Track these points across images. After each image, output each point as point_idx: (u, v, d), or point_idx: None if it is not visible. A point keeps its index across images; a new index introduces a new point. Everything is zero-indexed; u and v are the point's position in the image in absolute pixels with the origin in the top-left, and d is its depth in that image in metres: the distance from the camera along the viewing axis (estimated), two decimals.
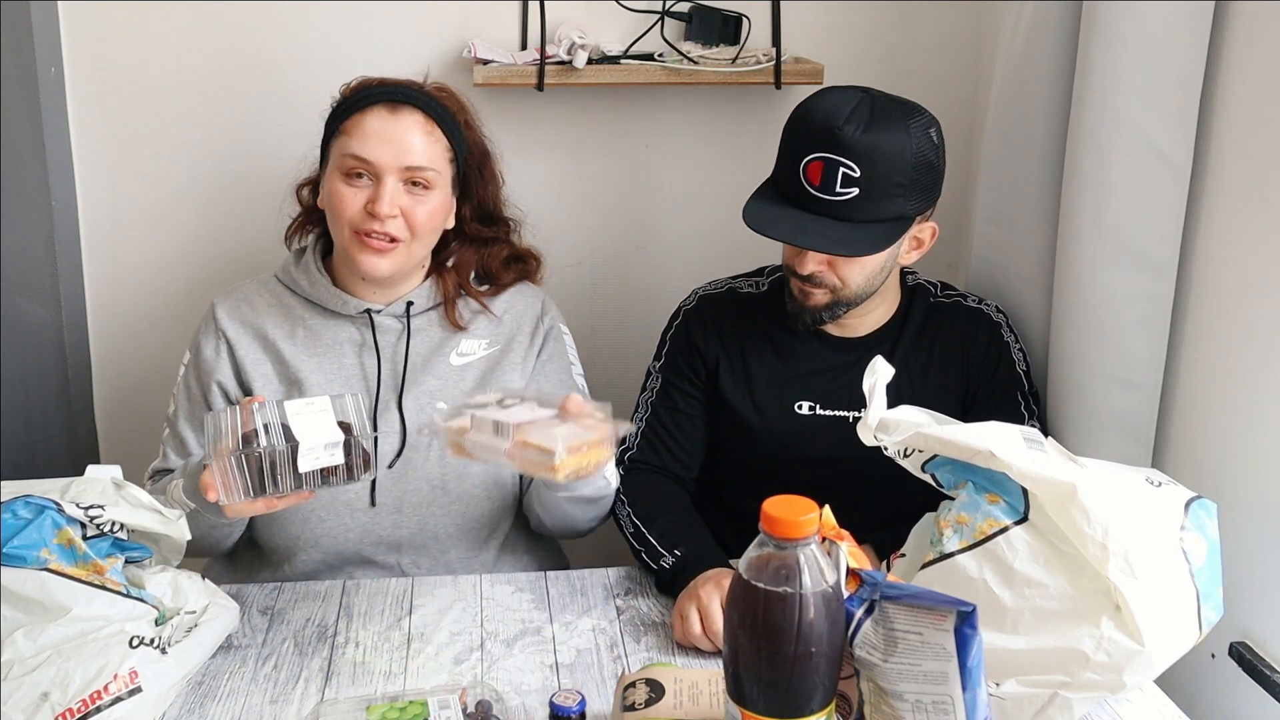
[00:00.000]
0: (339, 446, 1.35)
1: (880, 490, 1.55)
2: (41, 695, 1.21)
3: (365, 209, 1.59)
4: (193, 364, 1.69)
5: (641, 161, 2.20)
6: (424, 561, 1.68)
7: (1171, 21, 1.53)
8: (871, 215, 1.58)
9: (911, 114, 1.59)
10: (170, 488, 1.52)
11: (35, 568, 1.28)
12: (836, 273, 1.64)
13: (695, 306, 1.81)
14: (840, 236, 1.58)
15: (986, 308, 1.77)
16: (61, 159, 2.04)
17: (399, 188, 1.59)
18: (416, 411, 1.65)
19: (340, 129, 1.62)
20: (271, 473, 1.33)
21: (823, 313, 1.68)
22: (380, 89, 1.63)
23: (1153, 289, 1.62)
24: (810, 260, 1.63)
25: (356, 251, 1.61)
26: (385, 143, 1.59)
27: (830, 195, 1.57)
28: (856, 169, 1.55)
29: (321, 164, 1.68)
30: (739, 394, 1.75)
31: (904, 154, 1.56)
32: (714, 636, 1.42)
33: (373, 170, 1.59)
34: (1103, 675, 1.19)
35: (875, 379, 1.30)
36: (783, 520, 1.04)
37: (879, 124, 1.56)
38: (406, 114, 1.61)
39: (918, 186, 1.59)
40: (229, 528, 1.60)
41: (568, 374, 1.76)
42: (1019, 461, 1.24)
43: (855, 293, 1.66)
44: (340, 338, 1.68)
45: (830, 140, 1.56)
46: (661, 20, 2.07)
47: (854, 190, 1.56)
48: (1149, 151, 1.57)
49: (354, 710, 1.26)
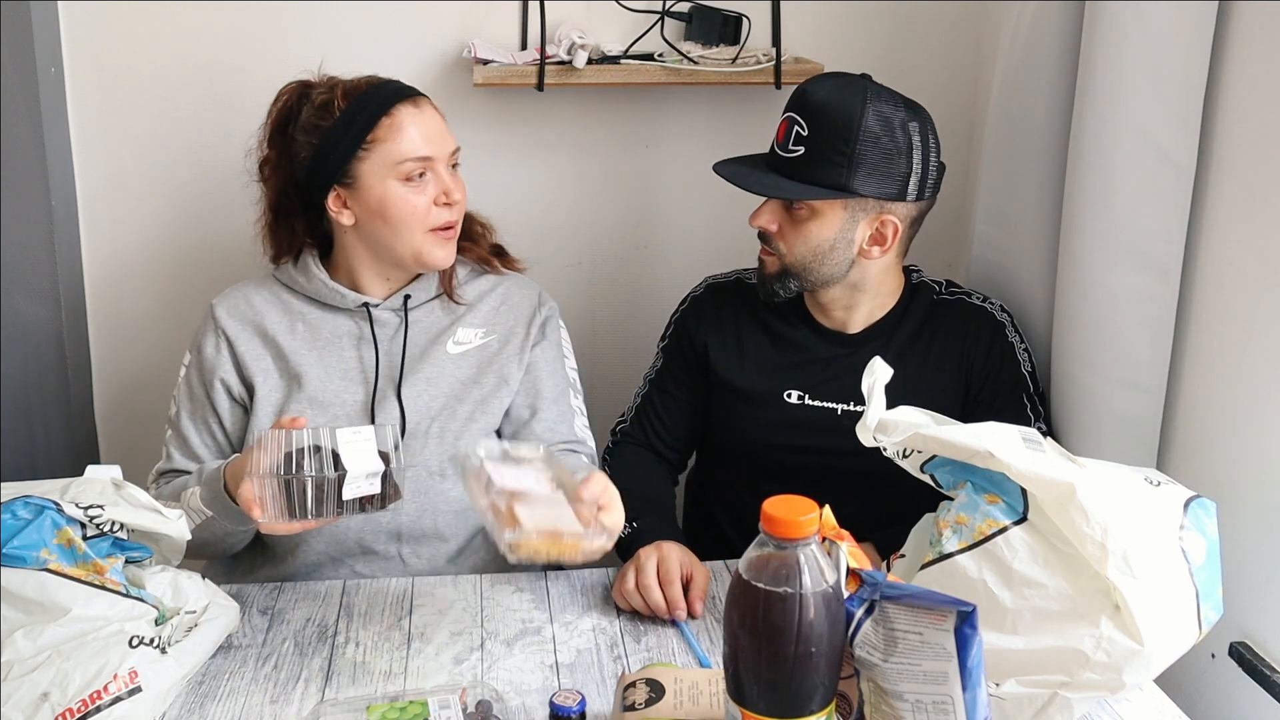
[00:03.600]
0: (378, 476, 1.38)
1: (869, 484, 1.56)
2: (41, 695, 1.21)
3: (436, 203, 1.62)
4: (194, 364, 1.69)
5: (641, 161, 2.20)
6: (424, 551, 1.68)
7: (1175, 21, 1.53)
8: (811, 177, 1.63)
9: (881, 99, 1.62)
10: (186, 495, 1.53)
11: (35, 568, 1.28)
12: (783, 238, 1.68)
13: (701, 294, 1.87)
14: (771, 183, 1.65)
15: (991, 307, 1.77)
16: (61, 159, 2.04)
17: (450, 174, 1.64)
18: (414, 400, 1.66)
19: (369, 140, 1.59)
20: (317, 498, 1.35)
21: (775, 283, 1.72)
22: (385, 89, 1.63)
23: (1156, 290, 1.62)
24: (762, 214, 1.69)
25: (434, 248, 1.64)
26: (431, 136, 1.62)
27: (785, 152, 1.65)
28: (805, 128, 1.62)
29: (334, 182, 1.62)
30: (730, 378, 1.79)
31: (849, 124, 1.60)
32: (644, 590, 1.50)
33: (429, 166, 1.61)
34: (1102, 675, 1.19)
35: (874, 379, 1.30)
36: (783, 520, 1.04)
37: (841, 93, 1.62)
38: (423, 103, 1.64)
39: (863, 163, 1.60)
40: (244, 535, 1.60)
41: (560, 365, 1.78)
42: (1018, 462, 1.24)
43: (799, 262, 1.68)
44: (339, 331, 1.69)
45: (798, 100, 1.66)
46: (661, 20, 2.07)
47: (801, 149, 1.63)
48: (1152, 152, 1.57)
49: (354, 710, 1.26)
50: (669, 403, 1.84)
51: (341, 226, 1.66)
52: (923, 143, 1.63)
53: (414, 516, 1.65)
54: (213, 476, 1.52)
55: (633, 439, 1.85)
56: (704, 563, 1.60)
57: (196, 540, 1.54)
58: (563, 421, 1.74)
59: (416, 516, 1.66)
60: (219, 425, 1.67)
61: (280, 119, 1.67)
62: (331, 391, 1.66)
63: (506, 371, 1.71)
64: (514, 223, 2.02)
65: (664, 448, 1.84)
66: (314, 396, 1.65)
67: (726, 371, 1.79)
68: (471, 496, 1.32)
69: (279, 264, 1.73)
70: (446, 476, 1.66)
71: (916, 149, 1.63)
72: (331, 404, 1.65)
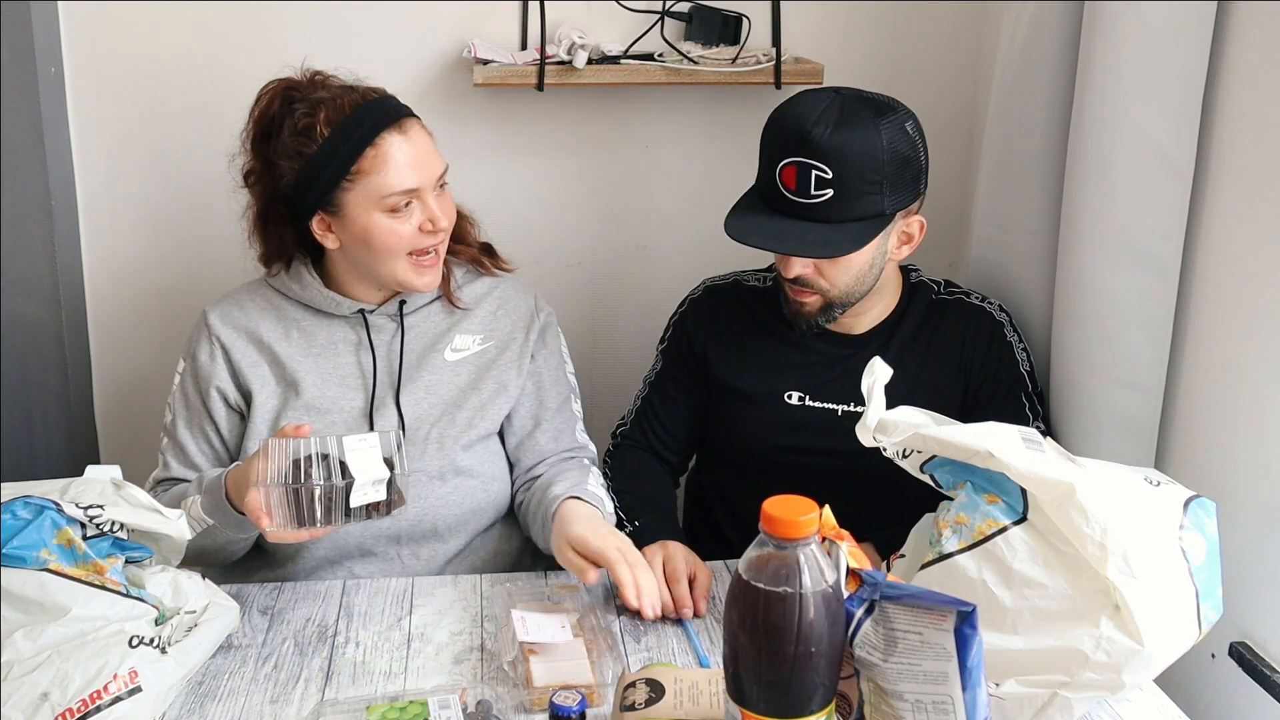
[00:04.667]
0: (384, 483, 1.38)
1: (869, 485, 1.56)
2: (41, 695, 1.21)
3: (421, 229, 1.59)
4: (189, 372, 1.68)
5: (641, 161, 2.20)
6: (423, 552, 1.68)
7: (1174, 21, 1.53)
8: (847, 215, 1.59)
9: (883, 111, 1.59)
10: (187, 503, 1.53)
11: (35, 568, 1.28)
12: (823, 275, 1.65)
13: (699, 296, 1.86)
14: (817, 238, 1.59)
15: (989, 306, 1.77)
16: (61, 159, 2.04)
17: (436, 197, 1.60)
18: (412, 406, 1.66)
19: (353, 172, 1.54)
20: (325, 507, 1.36)
21: (818, 317, 1.70)
22: (370, 116, 1.56)
23: (1155, 289, 1.62)
24: (795, 264, 1.64)
25: (414, 275, 1.61)
26: (416, 165, 1.57)
27: (806, 198, 1.59)
28: (828, 170, 1.56)
29: (318, 209, 1.59)
30: (730, 380, 1.78)
31: (874, 152, 1.57)
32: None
33: (416, 195, 1.58)
34: (1102, 675, 1.19)
35: (874, 379, 1.30)
36: (783, 520, 1.04)
37: (848, 124, 1.57)
38: (410, 127, 1.59)
39: (894, 183, 1.59)
40: (245, 542, 1.60)
41: (561, 372, 1.78)
42: (1017, 462, 1.24)
43: (844, 293, 1.66)
44: (335, 338, 1.68)
45: (801, 143, 1.57)
46: (661, 20, 2.07)
47: (828, 192, 1.57)
48: (1151, 152, 1.57)
49: (354, 710, 1.27)
50: (668, 405, 1.84)
51: (326, 245, 1.63)
52: (919, 136, 1.63)
53: (413, 521, 1.65)
54: (213, 485, 1.52)
55: (633, 441, 1.85)
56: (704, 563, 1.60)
57: (197, 548, 1.55)
58: (565, 431, 1.75)
59: (416, 520, 1.65)
60: (216, 433, 1.67)
61: (262, 126, 1.61)
62: (329, 398, 1.65)
63: (505, 379, 1.71)
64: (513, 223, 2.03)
65: (664, 450, 1.85)
66: (311, 403, 1.64)
67: (726, 373, 1.79)
68: (502, 644, 1.41)
69: (271, 269, 1.71)
70: (446, 481, 1.66)
71: (920, 145, 1.62)
72: (329, 410, 1.64)
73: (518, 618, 1.40)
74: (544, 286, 1.85)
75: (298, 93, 1.60)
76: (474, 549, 1.72)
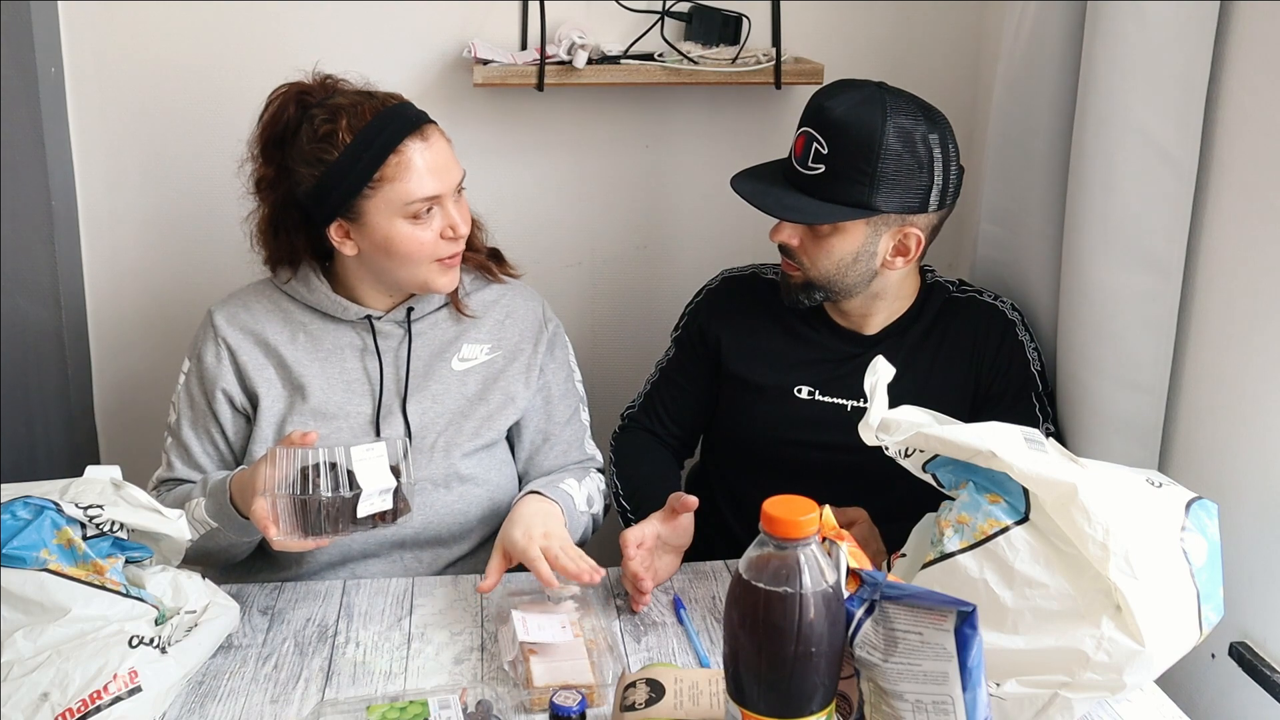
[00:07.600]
0: (390, 493, 1.39)
1: (875, 480, 1.56)
2: (41, 695, 1.21)
3: (443, 236, 1.59)
4: (194, 372, 1.67)
5: (641, 161, 2.20)
6: (426, 557, 1.68)
7: (1176, 21, 1.53)
8: (833, 195, 1.61)
9: (900, 113, 1.59)
10: (190, 506, 1.53)
11: (35, 568, 1.28)
12: (805, 252, 1.67)
13: (717, 286, 1.88)
14: (793, 203, 1.63)
15: (1002, 305, 1.77)
16: (61, 159, 2.04)
17: (455, 203, 1.61)
18: (419, 415, 1.65)
19: (376, 179, 1.54)
20: (332, 517, 1.36)
21: (800, 293, 1.71)
22: (392, 122, 1.55)
23: (1159, 290, 1.62)
24: (780, 230, 1.68)
25: (438, 276, 1.61)
26: (438, 172, 1.57)
27: (804, 169, 1.63)
28: (825, 146, 1.60)
29: (338, 215, 1.58)
30: (741, 371, 1.79)
31: (871, 143, 1.58)
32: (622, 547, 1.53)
33: (437, 202, 1.58)
34: (1103, 675, 1.18)
35: (876, 378, 1.30)
36: (783, 520, 1.04)
37: (859, 110, 1.59)
38: (431, 133, 1.58)
39: (888, 180, 1.59)
40: (248, 546, 1.60)
41: (570, 384, 1.78)
42: (1020, 462, 1.24)
43: (823, 276, 1.67)
44: (341, 342, 1.67)
45: (814, 115, 1.63)
46: (661, 20, 2.07)
47: (822, 167, 1.61)
48: (1154, 152, 1.57)
49: (354, 710, 1.26)
50: (675, 393, 1.86)
51: (343, 252, 1.62)
52: (943, 153, 1.62)
53: (418, 528, 1.65)
54: (218, 489, 1.51)
55: (639, 424, 1.88)
56: (704, 562, 1.61)
57: (201, 550, 1.55)
58: (574, 445, 1.76)
59: (421, 528, 1.65)
60: (221, 435, 1.66)
61: (275, 132, 1.60)
62: (335, 403, 1.64)
63: (513, 390, 1.70)
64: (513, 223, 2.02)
65: (668, 435, 1.87)
66: (318, 408, 1.63)
67: (738, 365, 1.79)
68: (502, 644, 1.41)
69: (276, 272, 1.69)
70: (450, 488, 1.66)
71: (938, 160, 1.61)
72: (336, 416, 1.64)
73: (518, 618, 1.40)
74: (544, 286, 1.85)
75: (311, 97, 1.59)
76: (478, 553, 1.72)
